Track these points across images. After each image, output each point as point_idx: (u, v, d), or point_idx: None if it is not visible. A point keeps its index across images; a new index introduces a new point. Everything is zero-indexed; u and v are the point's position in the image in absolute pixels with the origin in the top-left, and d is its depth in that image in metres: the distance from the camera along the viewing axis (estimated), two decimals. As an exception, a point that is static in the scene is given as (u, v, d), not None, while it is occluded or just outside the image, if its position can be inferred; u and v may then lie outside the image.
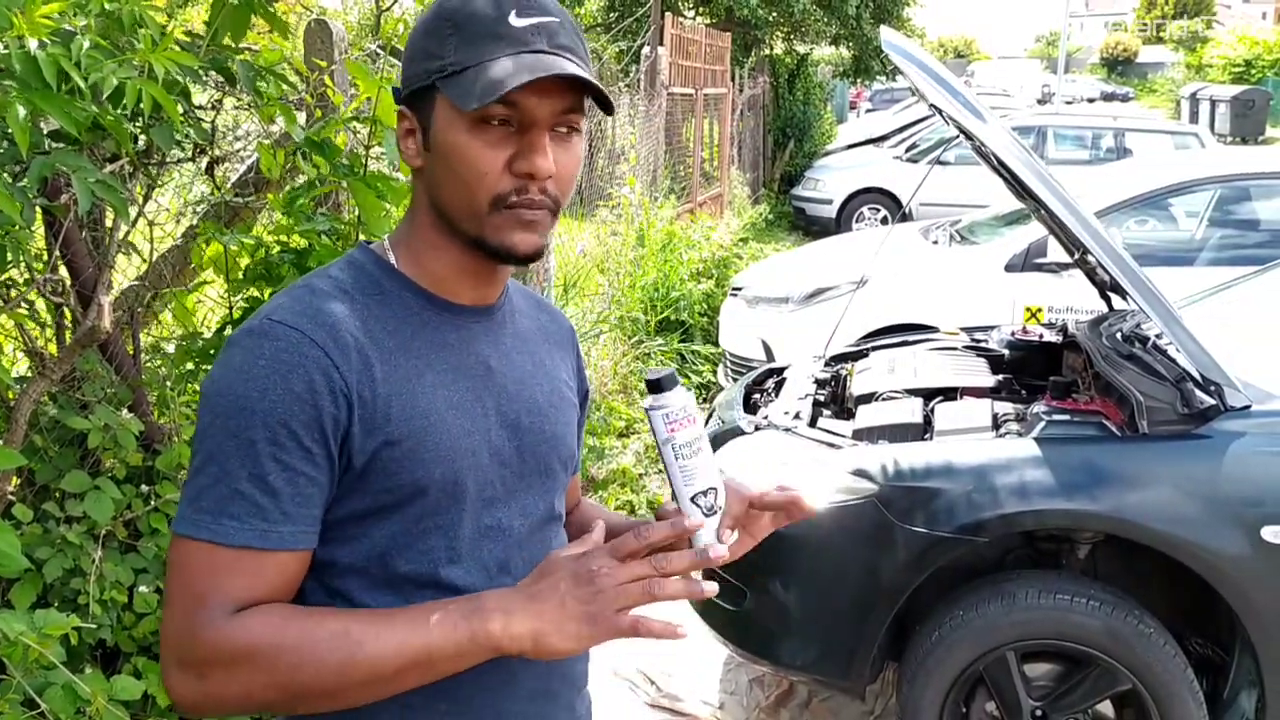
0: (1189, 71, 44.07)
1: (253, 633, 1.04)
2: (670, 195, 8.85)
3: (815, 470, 2.96)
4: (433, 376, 1.15)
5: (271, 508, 1.06)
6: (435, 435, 1.13)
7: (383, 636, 1.04)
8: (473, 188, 1.12)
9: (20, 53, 1.70)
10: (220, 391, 1.08)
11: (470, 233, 1.15)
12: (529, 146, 1.12)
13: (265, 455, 1.06)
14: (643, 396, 6.28)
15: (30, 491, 2.38)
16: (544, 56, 1.10)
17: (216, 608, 1.05)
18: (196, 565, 1.06)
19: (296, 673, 1.03)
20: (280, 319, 1.10)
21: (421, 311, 1.18)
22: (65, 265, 2.35)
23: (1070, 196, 3.00)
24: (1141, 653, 2.69)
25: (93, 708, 1.92)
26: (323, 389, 1.08)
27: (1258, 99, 25.73)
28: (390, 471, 1.11)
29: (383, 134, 2.52)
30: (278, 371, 1.07)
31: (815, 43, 17.07)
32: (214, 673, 1.04)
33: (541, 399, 1.26)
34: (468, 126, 1.11)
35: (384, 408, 1.10)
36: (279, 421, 1.06)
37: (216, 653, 1.04)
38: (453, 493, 1.14)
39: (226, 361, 1.10)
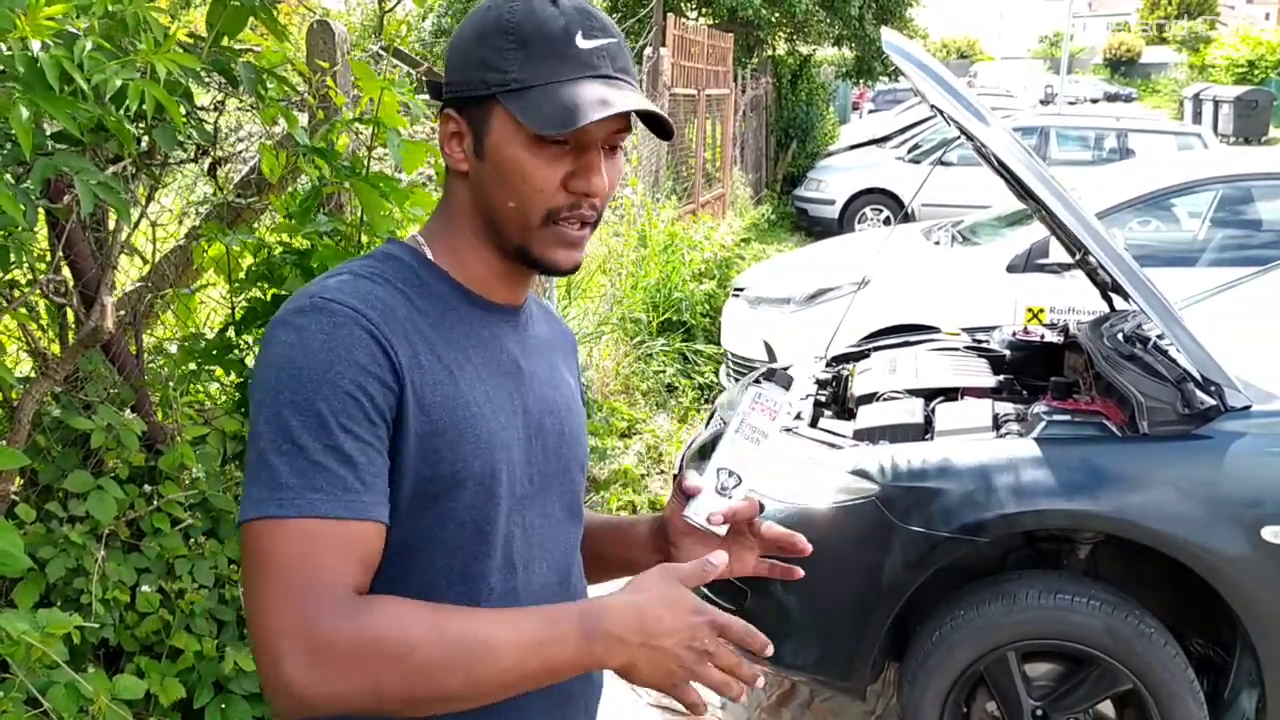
0: (1192, 72, 44.00)
1: (381, 624, 1.00)
2: (672, 196, 8.85)
3: (816, 470, 2.96)
4: (472, 370, 1.16)
5: (351, 477, 1.04)
6: (476, 427, 1.13)
7: (509, 648, 1.02)
8: (528, 201, 1.14)
9: (23, 54, 1.71)
10: (281, 368, 1.06)
11: (515, 242, 1.17)
12: (586, 167, 1.14)
13: (336, 427, 1.04)
14: (646, 396, 6.29)
15: (33, 491, 2.38)
16: (614, 86, 1.13)
17: (334, 591, 1.01)
18: (292, 547, 1.01)
19: (427, 675, 1.00)
20: (332, 297, 1.10)
21: (459, 306, 1.19)
22: (68, 266, 2.36)
23: (1071, 197, 3.01)
24: (1142, 653, 2.69)
25: (95, 707, 1.92)
26: (382, 364, 1.07)
27: (1261, 99, 25.69)
28: (432, 460, 1.10)
29: (385, 135, 2.53)
30: (340, 344, 1.06)
31: (818, 43, 17.07)
32: (344, 665, 0.98)
33: (561, 401, 1.28)
34: (527, 142, 1.13)
35: (430, 395, 1.10)
36: (346, 393, 1.05)
37: (349, 642, 0.99)
38: (489, 486, 1.14)
39: (281, 340, 1.08)
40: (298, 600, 1.00)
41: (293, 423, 1.04)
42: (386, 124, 2.53)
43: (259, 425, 1.06)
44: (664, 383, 6.62)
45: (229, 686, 2.43)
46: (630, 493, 5.11)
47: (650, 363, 6.63)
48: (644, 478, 5.37)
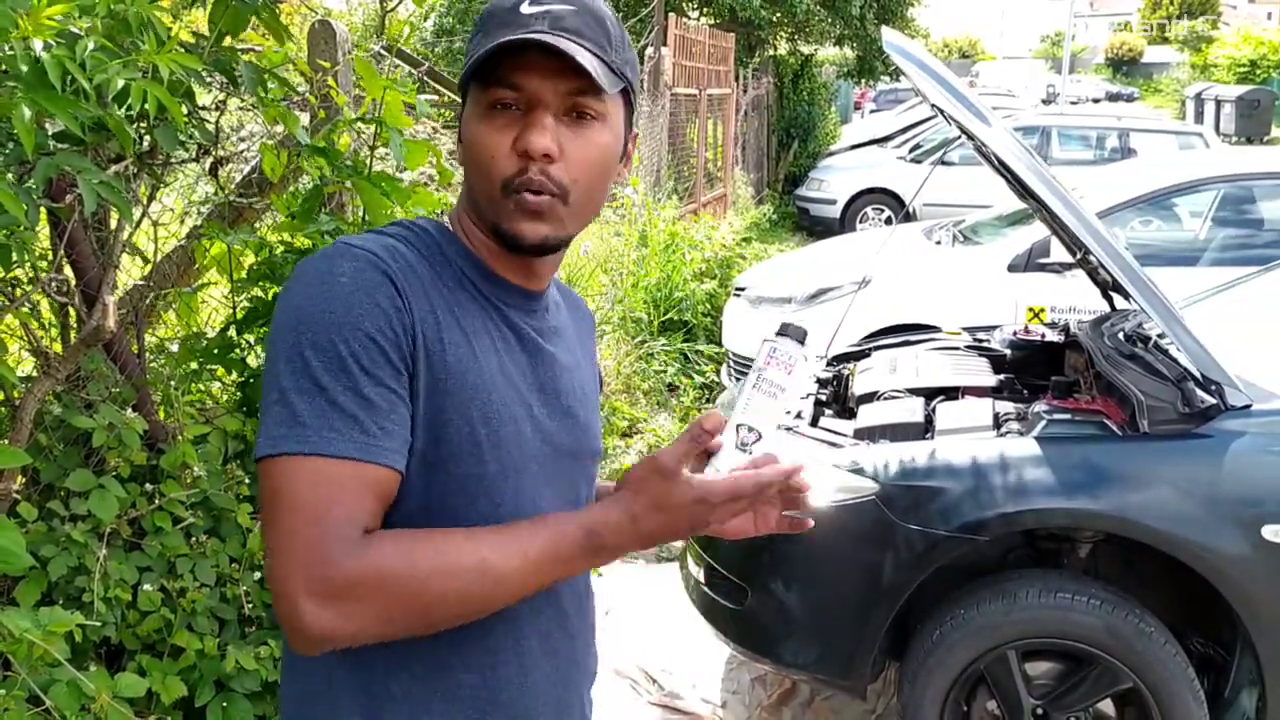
0: (1194, 71, 43.97)
1: (390, 559, 1.02)
2: (673, 195, 8.86)
3: (817, 469, 2.96)
4: (488, 341, 1.17)
5: (369, 420, 1.04)
6: (486, 396, 1.13)
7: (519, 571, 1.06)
8: (485, 172, 1.15)
9: (25, 54, 1.71)
10: (303, 307, 1.06)
11: (489, 219, 1.17)
12: (528, 124, 1.13)
13: (355, 369, 1.04)
14: (647, 396, 6.29)
15: (35, 490, 2.39)
16: (533, 35, 1.11)
17: (344, 530, 1.02)
18: (306, 485, 1.02)
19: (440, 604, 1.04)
20: (354, 243, 1.11)
21: (479, 281, 1.20)
22: (70, 265, 2.36)
23: (1072, 197, 3.01)
24: (1142, 652, 2.69)
25: (97, 705, 1.93)
26: (402, 310, 1.08)
27: (1263, 99, 25.67)
28: (440, 422, 1.10)
29: (387, 135, 2.53)
30: (361, 288, 1.07)
31: (819, 43, 17.06)
32: (352, 601, 1.00)
33: (578, 387, 1.28)
34: (480, 114, 1.15)
35: (442, 354, 1.11)
36: (367, 335, 1.05)
37: (357, 578, 1.01)
38: (496, 456, 1.14)
39: (303, 282, 1.09)
40: (310, 539, 1.01)
41: (313, 362, 1.04)
42: (390, 124, 2.53)
43: (279, 364, 1.06)
44: (665, 382, 6.62)
45: (230, 685, 2.44)
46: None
47: (651, 362, 6.64)
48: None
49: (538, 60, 1.11)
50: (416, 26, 13.39)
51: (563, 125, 1.14)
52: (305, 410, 1.03)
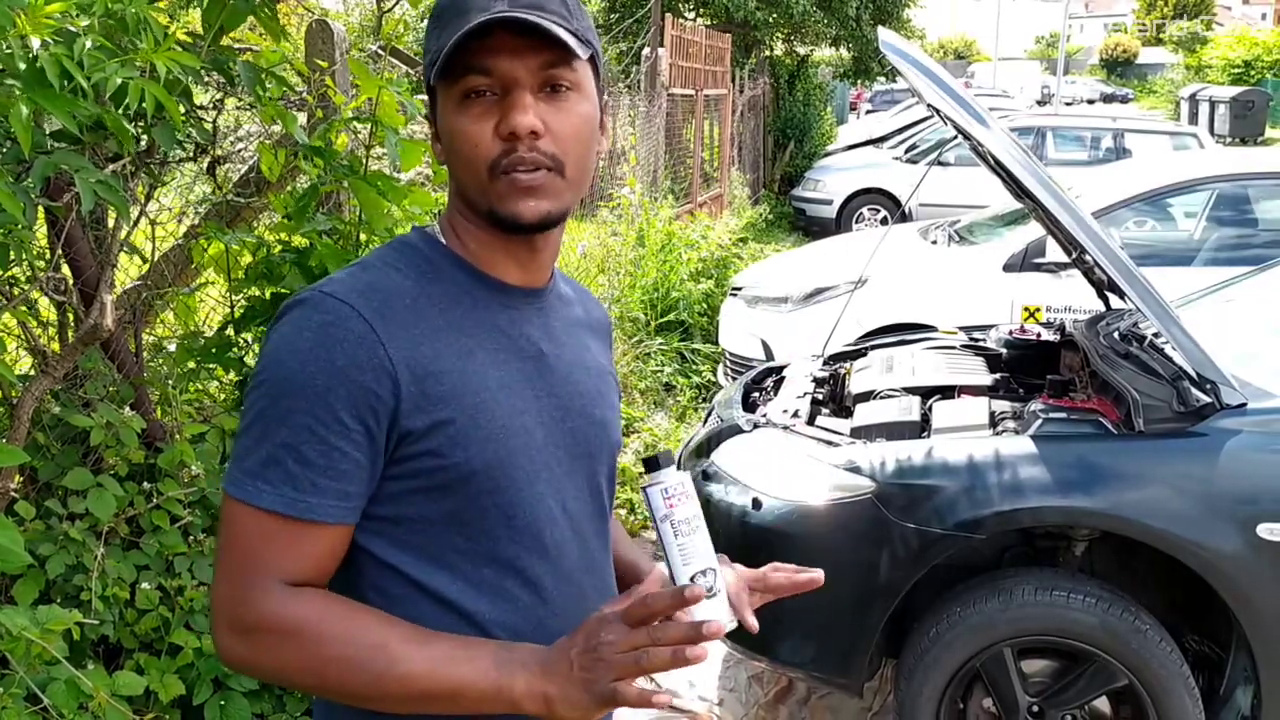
0: (1188, 72, 43.99)
1: (299, 615, 1.08)
2: (670, 196, 8.86)
3: (814, 468, 2.97)
4: (484, 355, 1.16)
5: (302, 477, 1.07)
6: (486, 414, 1.14)
7: (418, 661, 1.07)
8: (470, 161, 1.14)
9: (23, 52, 1.71)
10: (268, 358, 1.11)
11: (484, 207, 1.16)
12: (508, 106, 1.12)
13: (301, 426, 1.07)
14: (644, 395, 6.29)
15: (33, 488, 2.39)
16: (498, 15, 1.10)
17: (266, 577, 1.08)
18: (241, 526, 1.09)
19: (331, 667, 1.07)
20: (330, 291, 1.12)
21: (473, 290, 1.19)
22: (67, 264, 2.37)
23: (1068, 197, 3.02)
24: (1138, 649, 2.70)
25: (95, 703, 1.93)
26: (366, 365, 1.08)
27: (1257, 100, 25.73)
28: (442, 451, 1.11)
29: (384, 134, 2.54)
30: (322, 345, 1.08)
31: (815, 44, 17.06)
32: (257, 640, 1.08)
33: (589, 385, 1.28)
34: (455, 106, 1.14)
35: (434, 386, 1.11)
36: (317, 394, 1.07)
37: (264, 622, 1.08)
38: (507, 472, 1.15)
39: (277, 330, 1.13)
40: (236, 577, 1.09)
41: (266, 414, 1.09)
42: (384, 123, 2.53)
43: (248, 400, 1.12)
44: (662, 381, 6.63)
45: (228, 683, 2.44)
46: (628, 491, 5.12)
47: (648, 362, 6.64)
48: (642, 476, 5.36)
49: (505, 41, 1.10)
50: (412, 26, 13.39)
51: (541, 101, 1.13)
52: (251, 456, 1.09)
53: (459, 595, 1.15)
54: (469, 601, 1.15)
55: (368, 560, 1.15)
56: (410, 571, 1.14)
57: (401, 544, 1.14)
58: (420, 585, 1.14)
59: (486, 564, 1.16)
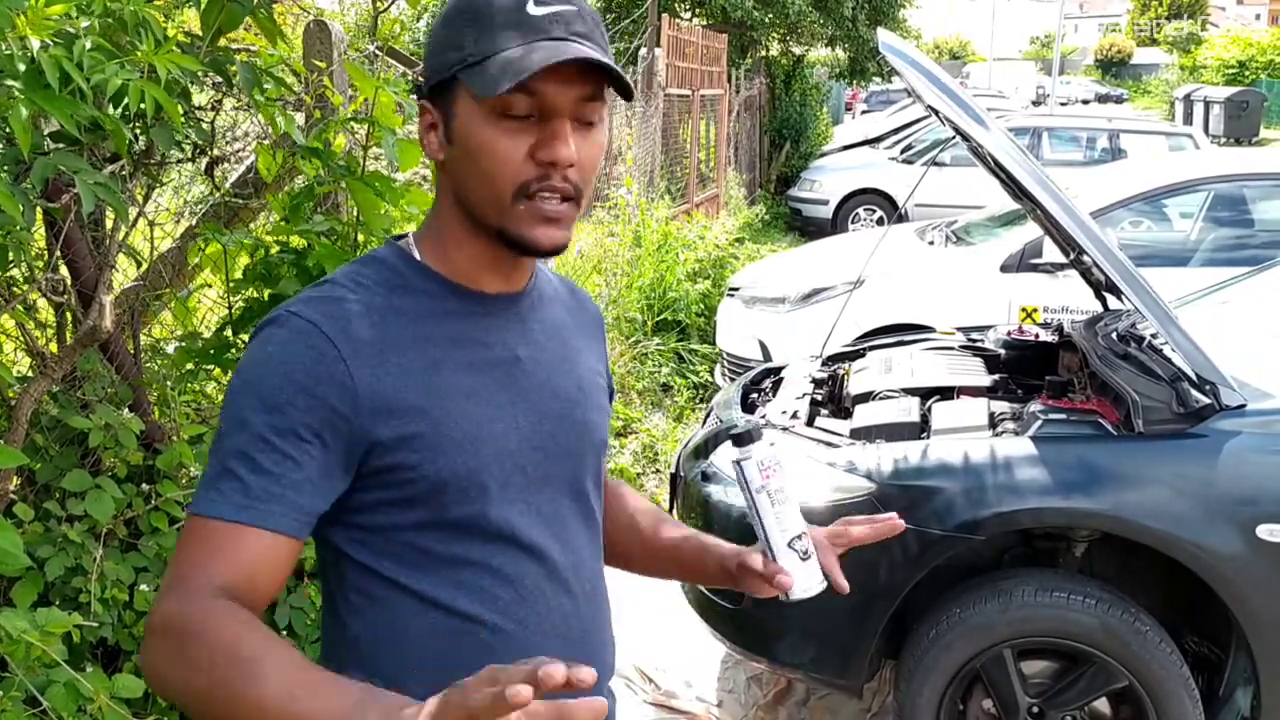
0: (1183, 73, 44.09)
1: (200, 617, 1.02)
2: (666, 196, 8.86)
3: (812, 469, 2.97)
4: (453, 365, 1.16)
5: (255, 485, 1.07)
6: (452, 425, 1.14)
7: (277, 685, 0.96)
8: (495, 178, 1.13)
9: (22, 53, 1.71)
10: (237, 374, 1.13)
11: (493, 224, 1.16)
12: (551, 134, 1.12)
13: (257, 437, 1.08)
14: (641, 396, 6.28)
15: (31, 490, 2.38)
16: (563, 43, 1.10)
17: (195, 585, 1.05)
18: (189, 538, 1.09)
19: (197, 674, 1.00)
20: (295, 310, 1.14)
21: (445, 302, 1.19)
22: (66, 265, 2.36)
23: (1066, 197, 3.02)
24: (1138, 650, 2.70)
25: (94, 705, 1.92)
26: (326, 380, 1.09)
27: (1251, 100, 25.80)
28: (410, 463, 1.12)
29: (380, 134, 2.53)
30: (283, 360, 1.10)
31: (811, 44, 17.08)
32: (152, 640, 1.05)
33: (571, 386, 1.28)
34: (488, 117, 1.12)
35: (400, 399, 1.12)
36: (274, 407, 1.08)
37: (165, 621, 1.04)
38: (476, 481, 1.15)
39: (248, 348, 1.15)
40: (170, 584, 1.07)
41: (228, 427, 1.11)
42: (381, 123, 2.53)
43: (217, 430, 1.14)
44: (659, 382, 6.62)
45: (227, 686, 2.43)
46: (629, 492, 5.11)
47: (646, 362, 6.64)
48: (640, 477, 5.37)
49: (560, 67, 1.10)
50: (407, 26, 13.39)
51: (574, 131, 1.14)
52: (211, 473, 1.10)
53: (441, 594, 1.16)
54: (452, 600, 1.16)
55: (349, 565, 1.17)
56: (391, 575, 1.16)
57: (380, 551, 1.16)
58: (403, 587, 1.16)
59: (464, 566, 1.17)
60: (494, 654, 1.15)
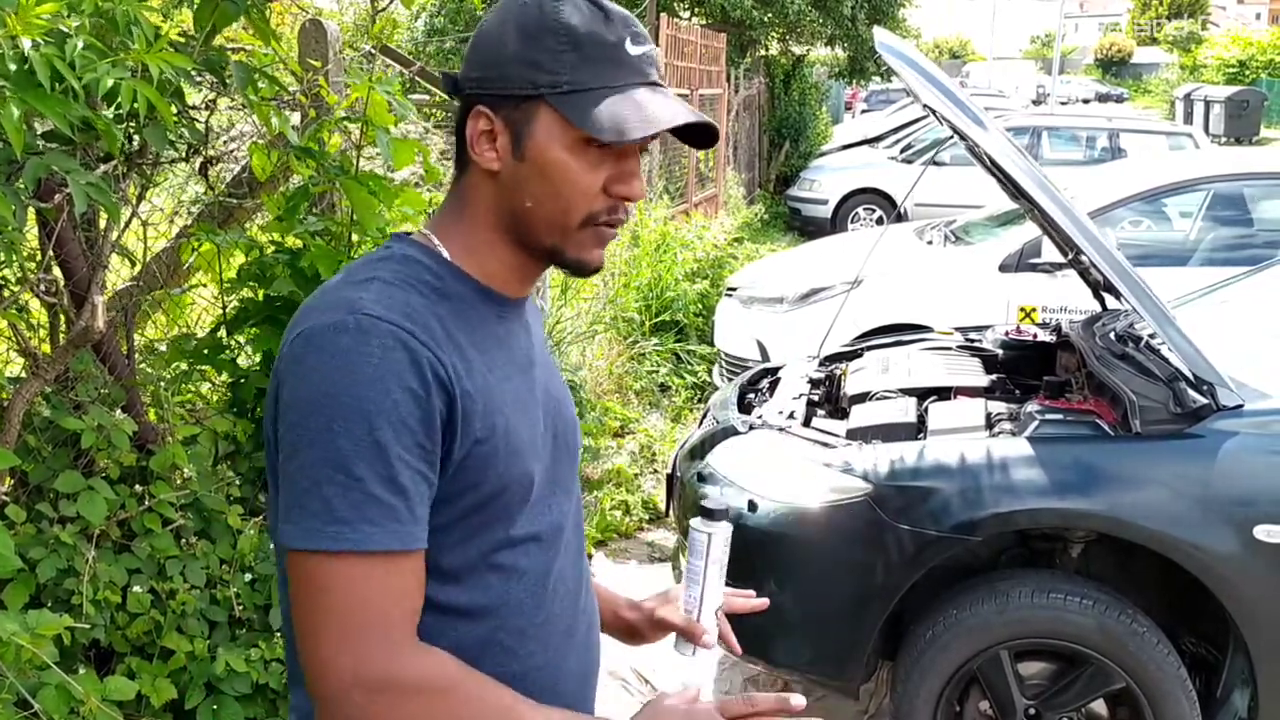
0: (1183, 72, 44.09)
1: (434, 669, 1.06)
2: (665, 195, 8.85)
3: (809, 470, 2.96)
4: (500, 372, 1.17)
5: (403, 508, 1.04)
6: (511, 432, 1.15)
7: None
8: (569, 204, 1.14)
9: (14, 53, 1.70)
10: (330, 394, 1.04)
11: (548, 243, 1.17)
12: (629, 172, 1.16)
13: (394, 456, 1.04)
14: (639, 396, 6.27)
15: (24, 492, 2.37)
16: (661, 94, 1.14)
17: (391, 629, 1.04)
18: (347, 582, 1.03)
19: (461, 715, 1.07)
20: (374, 313, 1.07)
21: (478, 306, 1.18)
22: (59, 265, 2.35)
23: (1064, 197, 3.01)
24: (1135, 651, 2.69)
25: (86, 708, 1.92)
26: (433, 383, 1.07)
27: (1252, 99, 25.80)
28: (476, 470, 1.11)
29: (374, 134, 2.53)
30: (392, 370, 1.05)
31: (811, 44, 17.06)
32: (388, 698, 1.03)
33: (560, 387, 1.31)
34: (572, 145, 1.12)
35: (472, 404, 1.11)
36: (400, 420, 1.04)
37: (396, 680, 1.03)
38: (526, 485, 1.17)
39: (326, 360, 1.05)
40: (356, 639, 1.03)
41: (348, 452, 1.02)
42: (376, 123, 2.52)
43: (310, 453, 1.04)
44: (657, 382, 6.62)
45: (221, 687, 2.42)
46: (624, 492, 5.11)
47: (643, 362, 6.63)
48: (637, 477, 5.36)
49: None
50: (404, 25, 13.38)
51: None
52: (341, 504, 1.02)
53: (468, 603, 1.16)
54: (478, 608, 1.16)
55: None
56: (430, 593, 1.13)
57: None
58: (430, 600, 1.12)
59: (489, 570, 1.16)
60: (513, 657, 1.17)
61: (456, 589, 1.14)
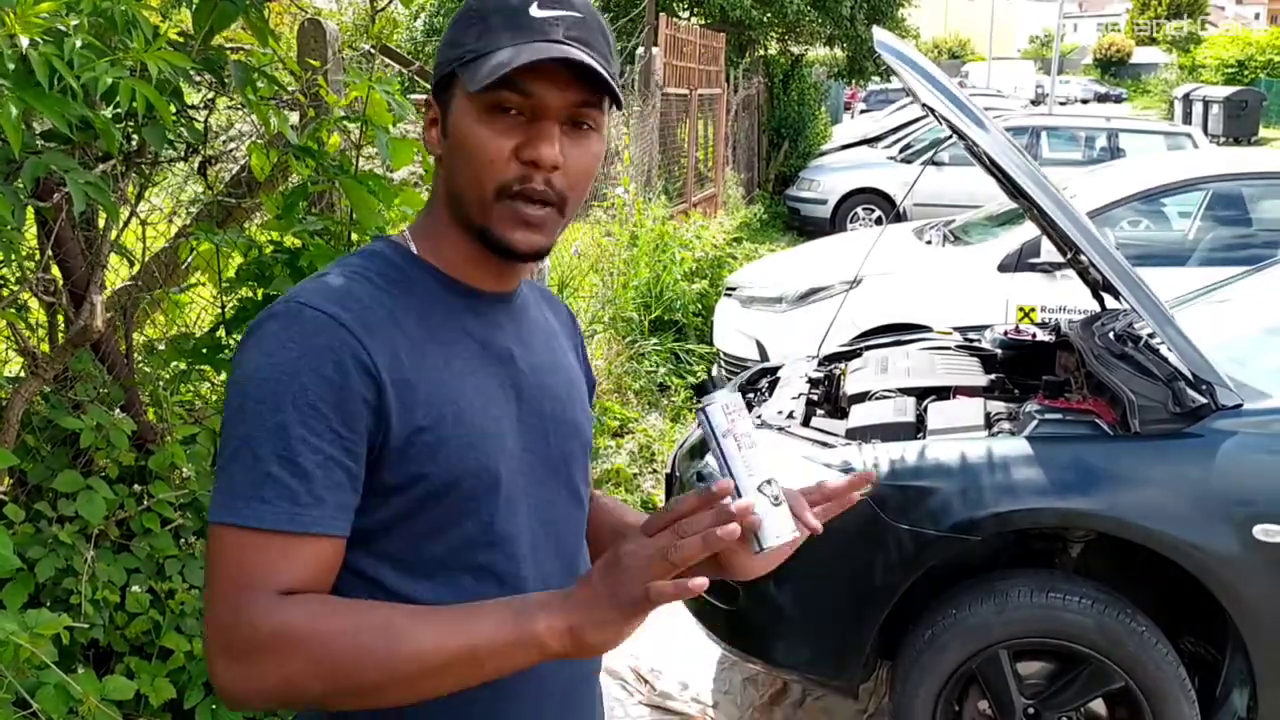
0: (1182, 72, 44.09)
1: (297, 618, 1.02)
2: (663, 195, 8.85)
3: (808, 469, 2.96)
4: (459, 364, 1.16)
5: (302, 491, 1.05)
6: (464, 422, 1.13)
7: (427, 630, 1.02)
8: (480, 174, 1.13)
9: (12, 51, 1.70)
10: (249, 376, 1.07)
11: (477, 223, 1.15)
12: (536, 134, 1.12)
13: (295, 438, 1.05)
14: (638, 396, 6.28)
15: (22, 491, 2.37)
16: (556, 44, 1.10)
17: (260, 593, 1.03)
18: (233, 551, 1.05)
19: (339, 661, 1.01)
20: (307, 301, 1.10)
21: (445, 297, 1.18)
22: (57, 265, 2.35)
23: (1063, 196, 3.01)
24: (1134, 651, 2.69)
25: (85, 708, 1.91)
26: (353, 370, 1.07)
27: (1250, 99, 25.80)
28: (421, 459, 1.10)
29: (374, 134, 2.52)
30: (307, 354, 1.06)
31: (810, 44, 17.07)
32: (257, 659, 1.02)
33: (560, 386, 1.28)
34: (479, 114, 1.12)
35: (413, 393, 1.10)
36: (309, 404, 1.05)
37: (260, 637, 1.02)
38: (486, 480, 1.14)
39: (254, 345, 1.09)
40: (232, 600, 1.04)
41: (256, 431, 1.05)
42: (375, 122, 2.52)
43: (227, 429, 1.08)
44: (656, 382, 6.61)
45: (220, 687, 2.42)
46: (623, 492, 5.11)
47: (642, 362, 6.63)
48: (636, 477, 5.36)
49: (552, 69, 1.10)
50: (403, 25, 13.38)
51: (564, 134, 1.13)
52: (241, 480, 1.05)
53: (438, 601, 1.13)
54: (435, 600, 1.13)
55: (346, 573, 1.13)
56: (388, 581, 1.13)
57: (379, 554, 1.13)
58: (399, 595, 1.13)
59: (464, 571, 1.15)
60: None
61: (426, 585, 1.13)
